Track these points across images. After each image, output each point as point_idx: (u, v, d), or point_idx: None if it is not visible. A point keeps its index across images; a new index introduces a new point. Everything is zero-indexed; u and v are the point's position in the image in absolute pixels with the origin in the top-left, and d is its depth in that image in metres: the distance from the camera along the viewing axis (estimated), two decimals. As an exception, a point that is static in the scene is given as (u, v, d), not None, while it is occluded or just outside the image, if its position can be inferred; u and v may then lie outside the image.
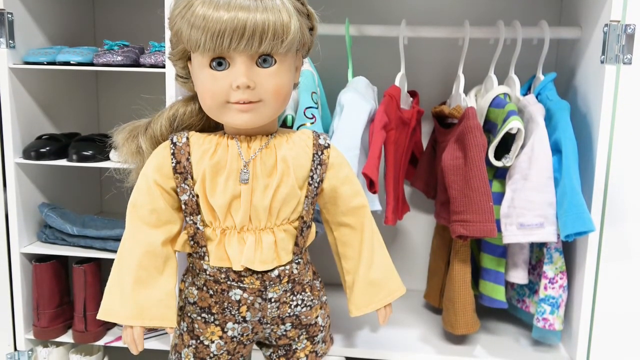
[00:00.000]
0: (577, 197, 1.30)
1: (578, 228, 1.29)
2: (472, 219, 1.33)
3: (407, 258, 1.88)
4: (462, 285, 1.45)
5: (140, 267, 1.05)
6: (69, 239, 1.57)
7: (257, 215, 1.06)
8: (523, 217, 1.35)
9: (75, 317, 1.58)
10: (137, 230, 1.07)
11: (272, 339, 1.17)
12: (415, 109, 1.57)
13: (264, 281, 1.09)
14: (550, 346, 1.51)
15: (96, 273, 1.59)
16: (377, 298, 1.21)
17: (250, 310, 1.11)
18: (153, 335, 1.60)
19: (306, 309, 1.16)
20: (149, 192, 1.07)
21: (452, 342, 1.53)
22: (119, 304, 1.04)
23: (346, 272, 1.22)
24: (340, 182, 1.14)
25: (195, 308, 1.13)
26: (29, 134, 1.59)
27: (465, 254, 1.46)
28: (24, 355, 1.61)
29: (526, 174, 1.35)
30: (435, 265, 1.66)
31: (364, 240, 1.19)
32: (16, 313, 1.59)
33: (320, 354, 1.22)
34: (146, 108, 1.15)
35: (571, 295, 1.45)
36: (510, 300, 1.59)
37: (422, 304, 1.78)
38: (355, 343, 1.53)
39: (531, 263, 1.51)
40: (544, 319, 1.43)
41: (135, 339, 1.06)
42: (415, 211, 1.84)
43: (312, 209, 1.14)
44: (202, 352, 1.13)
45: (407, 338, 1.56)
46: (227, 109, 1.01)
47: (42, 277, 1.58)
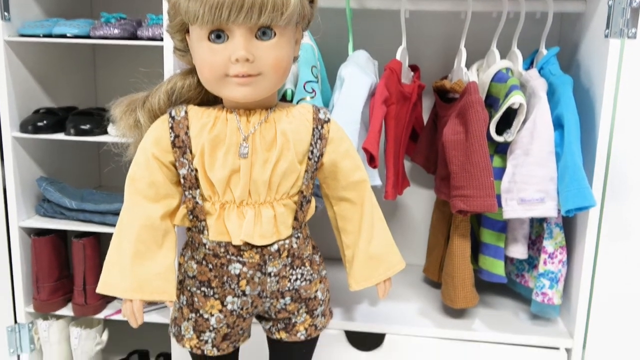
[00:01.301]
0: (579, 172, 1.29)
1: (579, 203, 1.28)
2: (472, 194, 1.32)
3: (406, 233, 1.88)
4: (462, 259, 1.45)
5: (139, 241, 1.05)
6: (68, 213, 1.57)
7: (257, 190, 1.05)
8: (524, 192, 1.34)
9: (75, 291, 1.59)
10: (136, 204, 1.07)
11: (272, 313, 1.18)
12: (416, 84, 1.55)
13: (264, 255, 1.09)
14: (548, 320, 1.52)
15: (95, 247, 1.59)
16: (377, 272, 1.21)
17: (250, 284, 1.11)
18: (153, 309, 1.61)
19: (306, 283, 1.16)
20: (148, 165, 1.06)
21: (451, 316, 1.54)
22: (118, 277, 1.04)
23: (346, 246, 1.22)
24: (340, 157, 1.13)
25: (195, 282, 1.13)
26: (26, 108, 1.58)
27: (465, 228, 1.46)
28: (24, 328, 1.62)
29: (527, 149, 1.34)
30: (435, 240, 1.66)
31: (364, 215, 1.19)
32: (16, 286, 1.60)
33: (320, 328, 1.22)
34: (144, 81, 1.14)
35: (570, 270, 1.46)
36: (509, 274, 1.60)
37: (421, 278, 1.79)
38: (355, 317, 1.53)
39: (531, 238, 1.51)
40: (543, 293, 1.43)
41: (134, 312, 1.06)
42: (415, 186, 1.84)
43: (311, 183, 1.13)
44: (202, 325, 1.13)
45: (406, 312, 1.57)
46: (226, 82, 1.00)
47: (41, 251, 1.58)
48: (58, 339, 1.62)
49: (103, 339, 1.64)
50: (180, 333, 1.16)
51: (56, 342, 1.62)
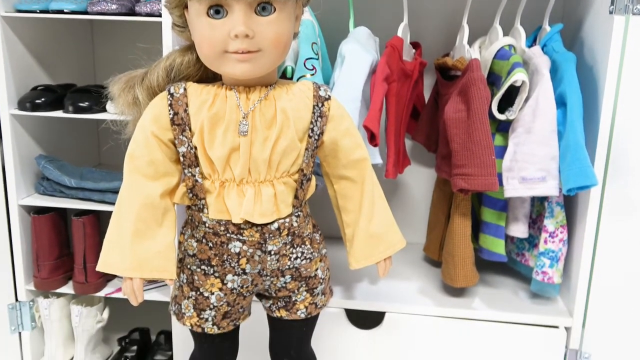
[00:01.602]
0: (581, 151, 1.28)
1: (580, 182, 1.28)
2: (473, 172, 1.32)
3: (407, 211, 1.88)
4: (462, 238, 1.45)
5: (138, 219, 1.04)
6: (67, 191, 1.57)
7: (257, 168, 1.04)
8: (525, 170, 1.34)
9: (76, 269, 1.59)
10: (135, 183, 1.06)
11: (272, 291, 1.18)
12: (417, 61, 1.53)
13: (264, 234, 1.09)
14: (548, 299, 1.52)
15: (95, 225, 1.59)
16: (377, 251, 1.21)
17: (250, 263, 1.11)
18: (153, 287, 1.61)
19: (306, 261, 1.16)
20: (147, 143, 1.05)
21: (451, 295, 1.54)
22: (118, 255, 1.04)
23: (346, 225, 1.22)
24: (340, 135, 1.13)
25: (195, 260, 1.13)
26: (23, 85, 1.57)
27: (466, 207, 1.46)
28: (25, 306, 1.63)
29: (529, 127, 1.33)
30: (435, 219, 1.65)
31: (365, 193, 1.18)
32: (16, 264, 1.60)
33: (320, 306, 1.22)
34: (142, 58, 1.13)
35: (571, 249, 1.45)
36: (509, 253, 1.59)
37: (421, 257, 1.79)
38: (355, 295, 1.54)
39: (531, 217, 1.51)
40: (543, 272, 1.43)
41: (135, 291, 1.06)
42: (416, 165, 1.83)
43: (312, 161, 1.12)
44: (202, 303, 1.13)
45: (406, 291, 1.57)
46: (225, 58, 0.98)
47: (41, 229, 1.57)
48: (59, 317, 1.62)
49: (104, 317, 1.65)
50: (181, 311, 1.16)
51: (57, 320, 1.62)
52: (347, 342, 1.50)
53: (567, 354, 1.45)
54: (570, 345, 1.44)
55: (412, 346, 1.48)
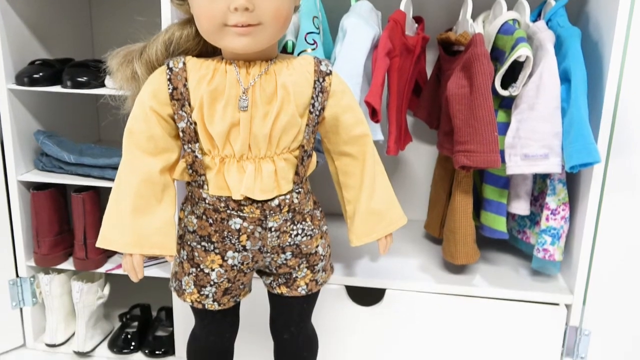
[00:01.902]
0: (584, 127, 1.27)
1: (583, 159, 1.27)
2: (476, 149, 1.30)
3: (408, 188, 1.87)
4: (464, 215, 1.44)
5: (138, 196, 1.04)
6: (67, 167, 1.56)
7: (257, 144, 1.03)
8: (528, 147, 1.32)
9: (76, 245, 1.59)
10: (135, 158, 1.05)
11: (273, 268, 1.18)
12: (420, 36, 1.51)
13: (264, 210, 1.08)
14: (549, 276, 1.52)
15: (95, 201, 1.58)
16: (378, 228, 1.21)
17: (251, 239, 1.10)
18: (153, 263, 1.61)
19: (306, 238, 1.15)
20: (146, 119, 1.04)
21: (452, 272, 1.54)
22: (117, 232, 1.04)
23: (347, 201, 1.21)
24: (342, 110, 1.11)
25: (195, 236, 1.12)
26: (20, 60, 1.55)
27: (468, 184, 1.45)
28: (26, 282, 1.63)
29: (533, 104, 1.32)
30: (437, 196, 1.65)
31: (366, 170, 1.17)
32: (16, 240, 1.60)
33: (321, 283, 1.22)
34: (141, 32, 1.11)
35: (572, 227, 1.45)
36: (510, 231, 1.59)
37: (422, 234, 1.79)
38: (355, 272, 1.54)
39: (533, 194, 1.50)
40: (545, 249, 1.43)
41: (135, 267, 1.06)
42: (417, 142, 1.82)
43: (312, 137, 1.11)
44: (203, 279, 1.13)
45: (407, 268, 1.57)
46: (224, 32, 0.97)
47: (41, 205, 1.57)
48: (60, 293, 1.63)
49: (104, 293, 1.65)
50: (181, 287, 1.16)
51: (58, 296, 1.62)
52: (348, 318, 1.51)
53: (567, 331, 1.45)
54: (571, 322, 1.44)
55: (413, 323, 1.49)
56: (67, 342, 1.67)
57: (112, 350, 1.64)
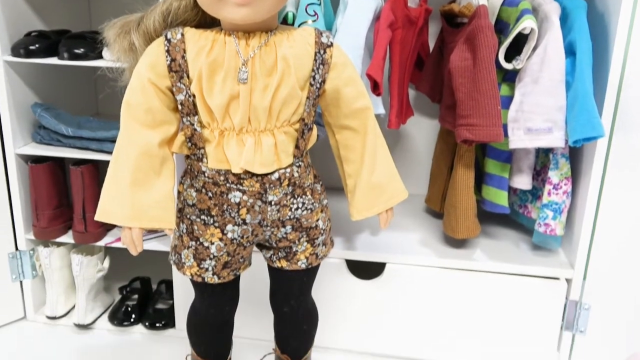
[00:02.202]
0: (589, 101, 1.25)
1: (587, 133, 1.25)
2: (478, 122, 1.29)
3: (409, 163, 1.86)
4: (465, 190, 1.44)
5: (136, 169, 1.03)
6: (65, 140, 1.54)
7: (257, 117, 1.02)
8: (531, 121, 1.31)
9: (75, 218, 1.58)
10: (133, 131, 1.04)
11: (273, 242, 1.17)
12: (423, 7, 1.49)
13: (264, 184, 1.07)
14: (550, 251, 1.52)
15: (94, 174, 1.58)
16: (379, 202, 1.20)
17: (250, 213, 1.10)
18: (153, 237, 1.61)
19: (307, 212, 1.15)
20: (143, 91, 1.03)
21: (452, 246, 1.54)
22: (116, 205, 1.03)
23: (348, 175, 1.20)
24: (343, 83, 1.10)
25: (195, 210, 1.11)
26: (16, 31, 1.52)
27: (470, 158, 1.44)
28: (25, 255, 1.63)
29: (537, 77, 1.30)
30: (438, 170, 1.64)
31: (367, 144, 1.16)
32: (15, 214, 1.59)
33: (321, 257, 1.22)
34: (138, 2, 1.09)
35: (574, 202, 1.44)
36: (512, 205, 1.58)
37: (423, 208, 1.78)
38: (356, 246, 1.53)
39: (535, 169, 1.49)
40: (546, 224, 1.42)
41: (134, 240, 1.05)
42: (419, 115, 1.80)
43: (313, 110, 1.10)
44: (202, 253, 1.13)
45: (407, 242, 1.57)
46: (223, 2, 0.95)
47: (39, 178, 1.56)
48: (59, 266, 1.63)
49: (104, 266, 1.65)
50: (181, 261, 1.16)
51: (58, 269, 1.62)
52: (348, 292, 1.51)
53: (567, 305, 1.45)
54: (571, 296, 1.45)
55: (413, 297, 1.49)
56: (67, 314, 1.68)
57: (112, 322, 1.65)
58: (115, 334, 1.64)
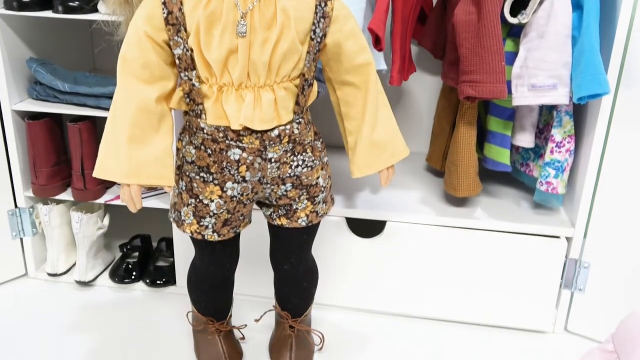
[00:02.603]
0: (595, 57, 1.23)
1: (593, 90, 1.23)
2: (482, 79, 1.27)
3: (411, 120, 1.84)
4: (467, 147, 1.42)
5: (134, 125, 1.01)
6: (61, 96, 1.52)
7: (256, 72, 1.00)
8: (535, 77, 1.29)
9: (74, 176, 1.57)
10: (130, 87, 1.02)
11: (273, 199, 1.16)
12: (426, -41, 1.45)
13: (264, 141, 1.06)
14: (550, 210, 1.51)
15: (92, 131, 1.56)
16: (380, 159, 1.19)
17: (250, 170, 1.08)
18: (152, 195, 1.60)
19: (307, 169, 1.14)
20: (140, 45, 1.00)
21: (453, 205, 1.53)
22: (114, 162, 1.02)
23: (349, 132, 1.19)
24: (344, 37, 1.07)
25: (194, 167, 1.10)
26: (9, -17, 1.48)
27: (472, 116, 1.42)
28: (25, 212, 1.62)
29: (543, 32, 1.27)
30: (440, 128, 1.62)
31: (368, 100, 1.14)
32: (13, 171, 1.58)
33: (321, 214, 1.21)
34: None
35: (577, 160, 1.43)
36: (514, 164, 1.57)
37: (424, 166, 1.77)
38: (356, 204, 1.53)
39: (538, 127, 1.47)
40: (548, 182, 1.41)
41: (133, 197, 1.05)
42: (421, 72, 1.77)
43: (313, 65, 1.08)
44: (202, 210, 1.12)
45: (408, 200, 1.56)
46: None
47: (37, 135, 1.54)
48: (59, 223, 1.62)
49: (104, 224, 1.65)
50: (180, 218, 1.15)
51: (57, 226, 1.62)
52: (348, 250, 1.51)
53: (567, 264, 1.45)
54: (571, 254, 1.45)
55: (413, 255, 1.49)
56: (68, 271, 1.68)
57: (113, 279, 1.65)
58: (116, 291, 1.65)
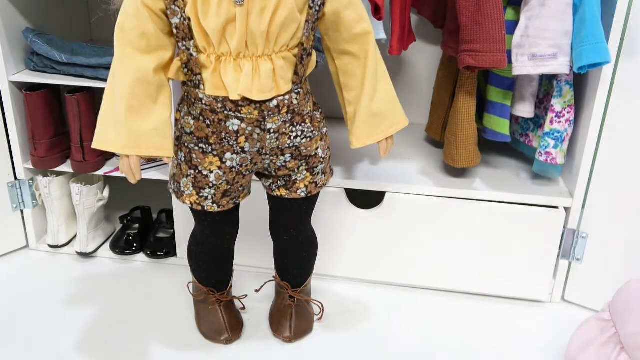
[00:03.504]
0: (596, 26, 1.22)
1: (593, 59, 1.22)
2: (482, 48, 1.26)
3: (410, 90, 1.83)
4: (467, 118, 1.42)
5: (132, 96, 1.01)
6: (59, 67, 1.51)
7: (254, 41, 0.99)
8: (536, 47, 1.27)
9: (73, 147, 1.57)
10: (127, 57, 1.01)
11: (272, 170, 1.16)
12: None
13: (263, 111, 1.05)
14: (549, 180, 1.51)
15: (90, 102, 1.55)
16: (379, 130, 1.19)
17: (249, 141, 1.08)
18: (152, 166, 1.60)
19: (306, 140, 1.13)
20: (137, 14, 0.99)
21: (452, 175, 1.53)
22: (113, 133, 1.02)
23: (348, 103, 1.18)
24: (343, 6, 1.06)
25: (193, 138, 1.10)
26: (3, -48, 1.46)
27: (472, 86, 1.41)
28: (25, 184, 1.62)
29: (544, 0, 1.25)
30: (439, 98, 1.61)
31: (367, 70, 1.13)
32: (12, 143, 1.58)
33: (320, 185, 1.22)
34: None
35: (576, 130, 1.42)
36: (513, 134, 1.57)
37: (423, 137, 1.77)
38: (355, 175, 1.53)
39: (538, 97, 1.47)
40: (547, 152, 1.41)
41: (132, 169, 1.05)
42: (421, 41, 1.76)
43: (312, 35, 1.07)
44: (201, 181, 1.12)
45: (407, 171, 1.56)
46: None
47: (35, 107, 1.54)
48: (59, 195, 1.63)
49: (104, 196, 1.65)
50: (180, 189, 1.15)
51: (58, 198, 1.62)
52: (347, 221, 1.51)
53: (565, 234, 1.46)
54: (569, 225, 1.45)
55: (412, 226, 1.50)
56: (69, 243, 1.69)
57: (114, 251, 1.66)
58: (117, 262, 1.66)
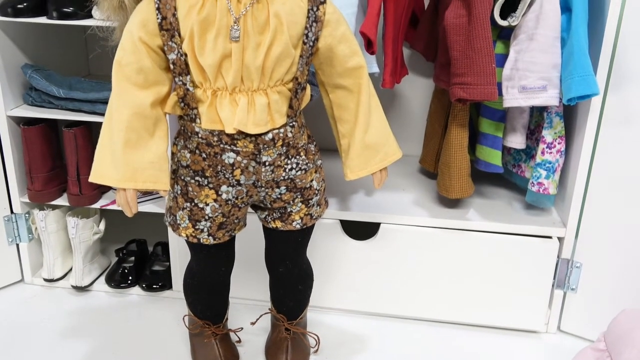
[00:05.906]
0: (584, 58, 1.24)
1: (582, 91, 1.24)
2: (472, 81, 1.28)
3: (403, 122, 1.85)
4: (459, 149, 1.43)
5: (129, 130, 1.02)
6: (56, 102, 1.53)
7: (249, 76, 1.01)
8: (526, 79, 1.30)
9: (69, 181, 1.58)
10: (125, 92, 1.03)
11: (267, 202, 1.17)
12: (417, -37, 1.46)
13: (258, 144, 1.07)
14: (542, 210, 1.53)
15: (87, 136, 1.56)
16: (373, 161, 1.20)
17: (244, 174, 1.09)
18: (148, 199, 1.61)
19: (301, 172, 1.15)
20: (135, 50, 1.01)
21: (446, 206, 1.54)
22: (110, 166, 1.03)
23: (342, 135, 1.20)
24: (336, 41, 1.09)
25: (189, 171, 1.11)
26: (3, -10, 1.49)
27: (464, 118, 1.43)
28: (21, 218, 1.63)
29: (532, 34, 1.28)
30: (432, 130, 1.63)
31: (361, 103, 1.15)
32: (9, 177, 1.59)
33: (315, 217, 1.23)
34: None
35: (568, 160, 1.44)
36: (505, 165, 1.58)
37: (417, 168, 1.78)
38: (350, 206, 1.54)
39: (530, 128, 1.49)
40: (539, 183, 1.43)
41: (128, 202, 1.05)
42: (413, 75, 1.79)
43: (306, 69, 1.09)
44: (197, 214, 1.13)
45: (402, 202, 1.57)
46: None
47: (32, 141, 1.55)
48: (55, 229, 1.63)
49: (100, 229, 1.66)
50: (176, 222, 1.16)
51: (54, 232, 1.63)
52: (342, 252, 1.52)
53: (559, 264, 1.47)
54: (563, 254, 1.46)
55: (407, 257, 1.50)
56: (64, 277, 1.69)
57: (109, 284, 1.66)
58: (113, 295, 1.65)
